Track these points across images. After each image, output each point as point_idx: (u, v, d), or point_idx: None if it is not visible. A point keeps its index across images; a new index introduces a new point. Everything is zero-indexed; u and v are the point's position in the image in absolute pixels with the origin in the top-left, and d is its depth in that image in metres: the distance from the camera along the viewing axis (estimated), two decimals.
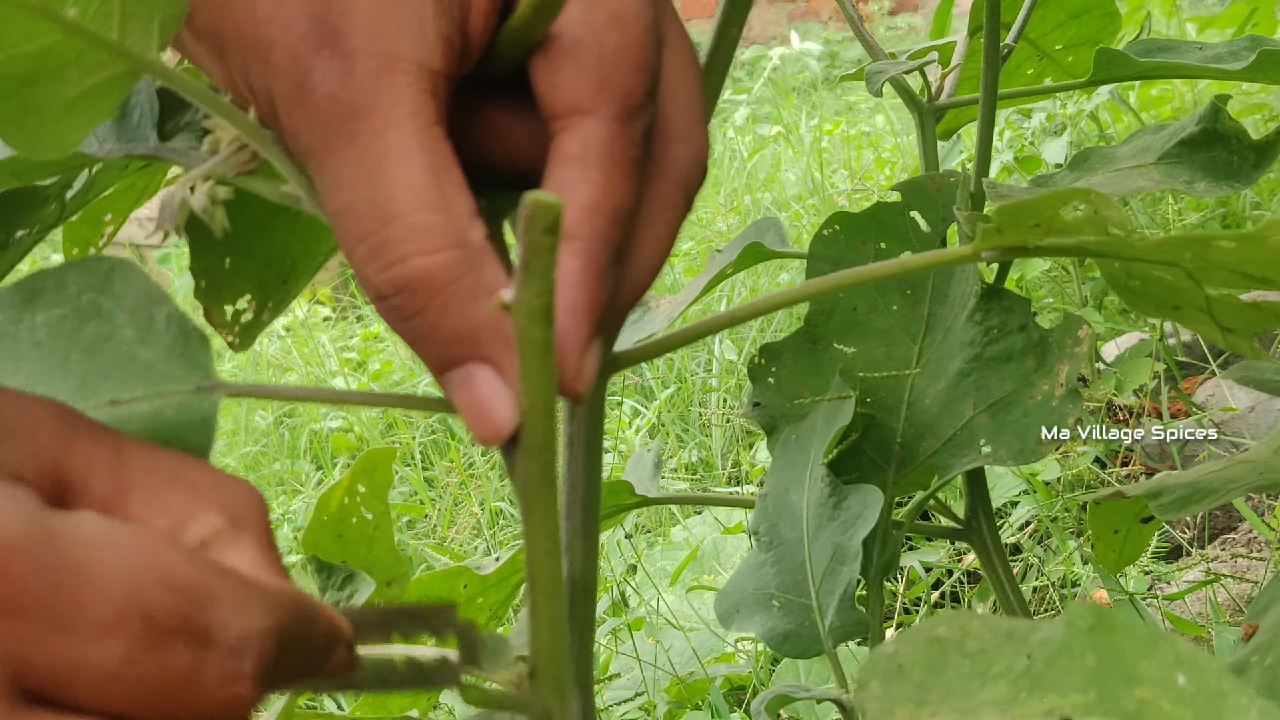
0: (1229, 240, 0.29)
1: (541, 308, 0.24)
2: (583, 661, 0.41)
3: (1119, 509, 0.73)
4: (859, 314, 0.74)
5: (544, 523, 0.29)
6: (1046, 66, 0.87)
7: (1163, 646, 0.22)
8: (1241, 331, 0.34)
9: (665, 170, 0.32)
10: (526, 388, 0.26)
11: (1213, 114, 0.70)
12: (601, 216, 0.29)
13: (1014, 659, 0.23)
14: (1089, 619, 0.23)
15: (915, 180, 0.73)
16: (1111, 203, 0.29)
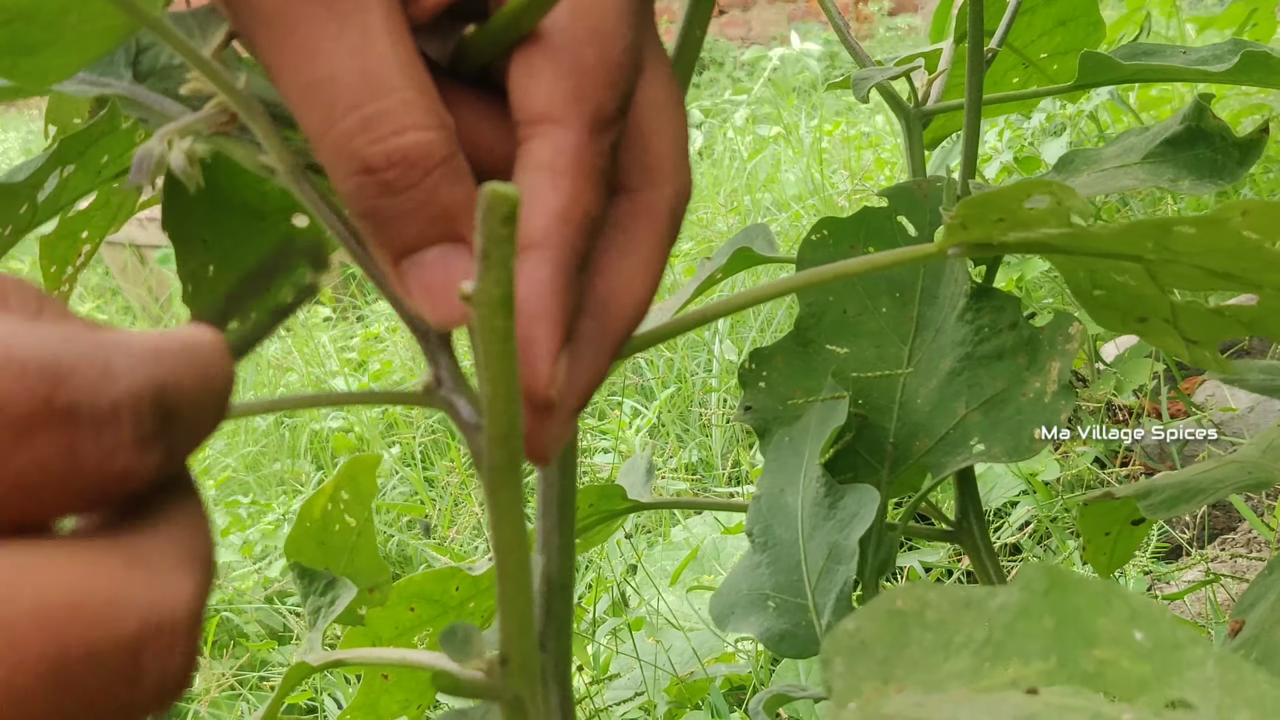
0: (1189, 225, 0.29)
1: (501, 296, 0.24)
2: (561, 658, 0.41)
3: (1109, 511, 0.73)
4: (849, 316, 0.74)
5: (510, 511, 0.29)
6: (1032, 74, 0.87)
7: (1117, 602, 0.22)
8: (1206, 343, 0.34)
9: (655, 207, 0.32)
10: (489, 376, 0.26)
11: (1196, 113, 0.70)
12: (570, 224, 0.29)
13: (974, 628, 0.23)
14: (1044, 581, 0.23)
15: (902, 186, 0.73)
16: (1073, 193, 0.29)
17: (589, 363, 0.31)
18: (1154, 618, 0.22)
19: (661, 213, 0.32)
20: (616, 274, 0.31)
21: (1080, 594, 0.22)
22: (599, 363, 0.31)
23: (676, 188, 0.32)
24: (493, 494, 0.29)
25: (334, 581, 0.57)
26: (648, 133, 0.32)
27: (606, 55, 0.30)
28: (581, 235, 0.30)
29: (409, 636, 0.73)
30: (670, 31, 0.41)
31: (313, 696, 1.54)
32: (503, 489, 0.28)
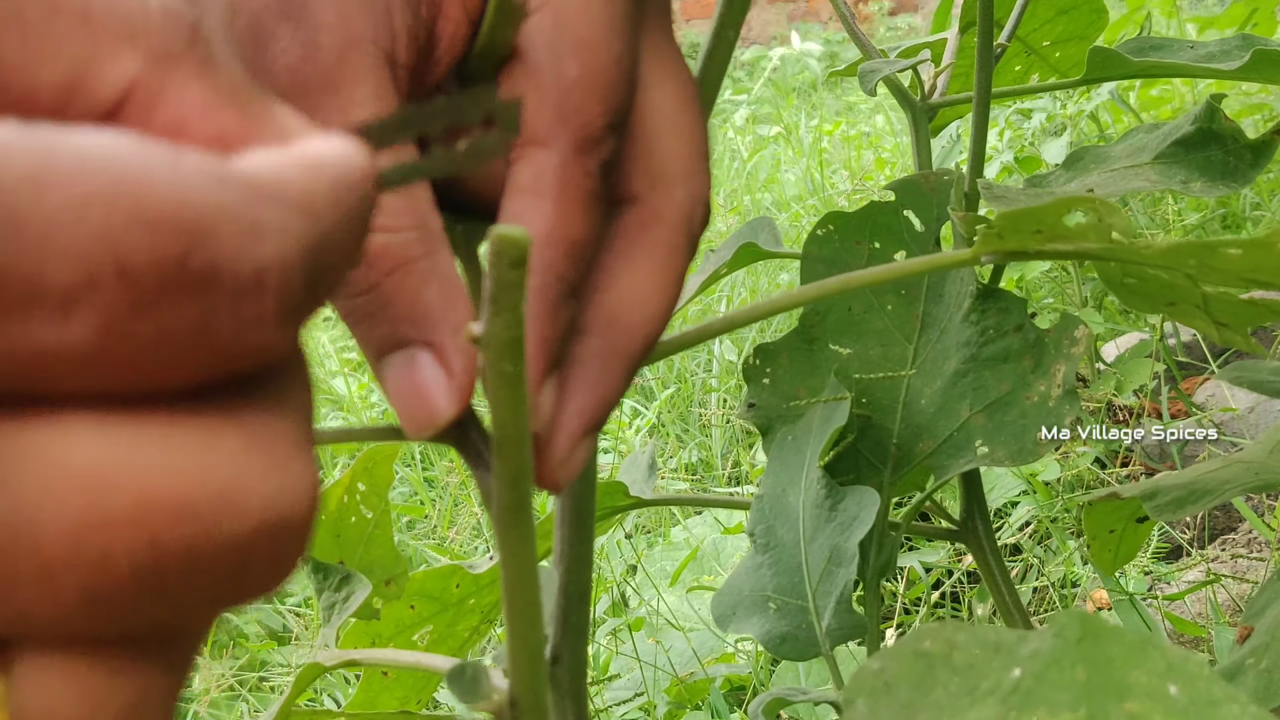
0: (1235, 248, 0.29)
1: (511, 341, 0.23)
2: (576, 671, 0.41)
3: (1114, 509, 0.73)
4: (854, 314, 0.74)
5: (520, 551, 0.28)
6: (1034, 62, 0.87)
7: (1153, 655, 0.21)
8: (1236, 326, 0.34)
9: (662, 213, 0.31)
10: (498, 419, 0.25)
11: (1208, 114, 0.70)
12: (553, 249, 0.28)
13: (1003, 674, 0.22)
14: (1078, 629, 0.22)
15: (909, 179, 0.72)
16: (1116, 210, 0.29)
17: (595, 383, 0.29)
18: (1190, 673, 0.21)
19: (670, 218, 0.31)
20: (624, 287, 0.30)
21: (1115, 644, 0.22)
22: (608, 382, 0.29)
23: (689, 191, 0.31)
24: (503, 535, 0.28)
25: (349, 577, 0.56)
26: (653, 137, 0.31)
27: (592, 68, 0.29)
28: (568, 260, 0.29)
29: (409, 634, 0.73)
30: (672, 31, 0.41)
31: (313, 696, 1.53)
32: (513, 529, 0.28)
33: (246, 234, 0.17)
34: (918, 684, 0.23)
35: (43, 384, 0.16)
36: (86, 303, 0.16)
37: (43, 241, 0.16)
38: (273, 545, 0.18)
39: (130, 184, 0.16)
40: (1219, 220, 2.18)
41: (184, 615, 0.18)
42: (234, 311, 0.17)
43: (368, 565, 0.67)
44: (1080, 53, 0.85)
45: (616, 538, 1.70)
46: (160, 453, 0.17)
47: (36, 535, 0.16)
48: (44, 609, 0.17)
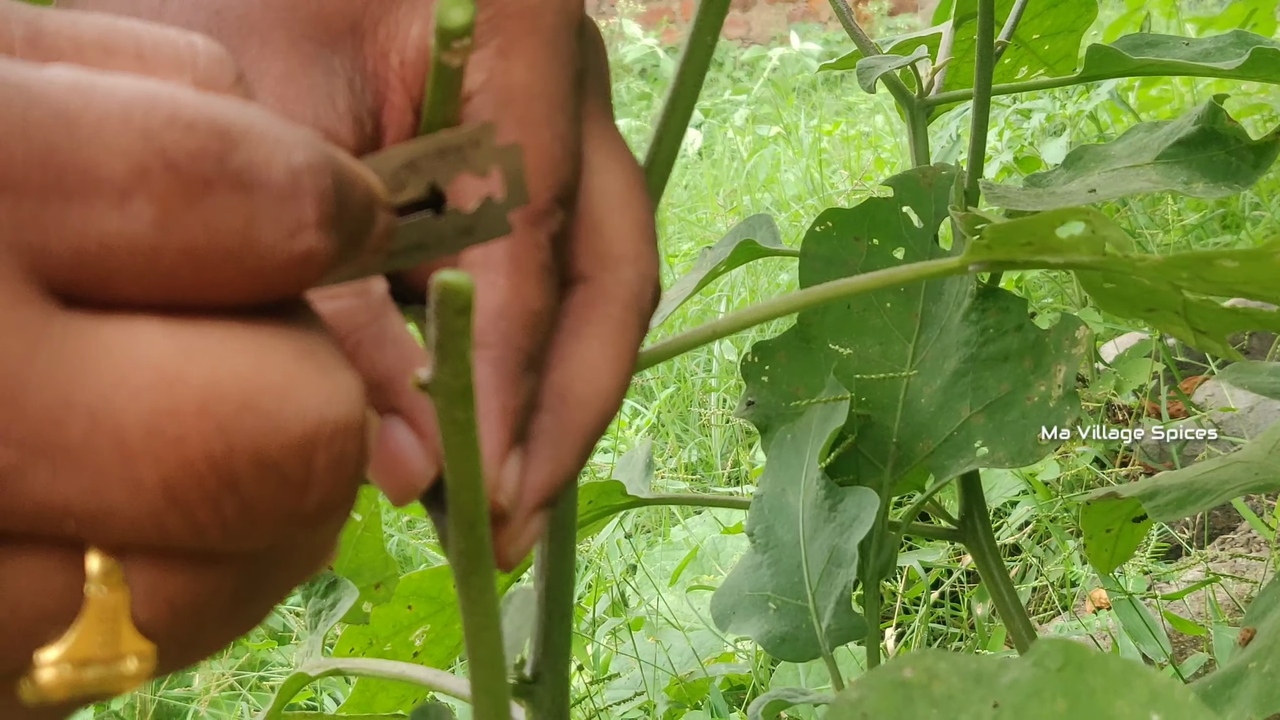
0: (1231, 260, 0.29)
1: (460, 388, 0.23)
2: (558, 688, 0.40)
3: (1111, 509, 0.73)
4: (853, 312, 0.74)
5: (481, 597, 0.28)
6: (1023, 55, 0.86)
7: (1136, 684, 0.21)
8: (1215, 334, 0.33)
9: (612, 292, 0.30)
10: (452, 466, 0.25)
11: (1211, 114, 0.70)
12: (509, 321, 0.28)
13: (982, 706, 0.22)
14: (1059, 658, 0.22)
15: (907, 175, 0.72)
16: (1110, 223, 0.29)
17: (548, 459, 0.29)
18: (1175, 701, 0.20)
19: (619, 297, 0.30)
20: (576, 364, 0.30)
21: (1097, 673, 0.21)
22: (560, 459, 0.29)
23: (638, 271, 0.31)
24: (462, 580, 0.28)
25: (336, 583, 0.56)
26: (601, 218, 0.31)
27: (534, 145, 0.29)
28: (524, 332, 0.28)
29: (406, 634, 0.73)
30: (672, 31, 0.41)
31: (313, 696, 1.53)
32: (473, 575, 0.27)
33: (276, 143, 0.19)
34: (896, 716, 0.22)
35: (114, 283, 0.18)
36: (139, 192, 0.18)
37: (92, 135, 0.18)
38: (331, 449, 0.19)
39: (166, 97, 0.18)
40: (1218, 220, 2.17)
41: (261, 526, 0.19)
42: (278, 213, 0.19)
43: (357, 568, 0.67)
44: (1069, 45, 0.85)
45: (616, 537, 1.70)
46: (221, 353, 0.18)
47: (115, 422, 0.18)
48: (130, 502, 0.18)
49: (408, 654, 0.73)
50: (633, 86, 5.04)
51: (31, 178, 0.17)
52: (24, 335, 0.17)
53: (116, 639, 0.19)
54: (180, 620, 0.19)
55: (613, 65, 4.93)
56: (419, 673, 0.42)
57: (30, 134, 0.17)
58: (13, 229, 0.17)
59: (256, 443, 0.18)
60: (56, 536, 0.18)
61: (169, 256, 0.18)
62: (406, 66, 0.30)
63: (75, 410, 0.18)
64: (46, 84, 0.18)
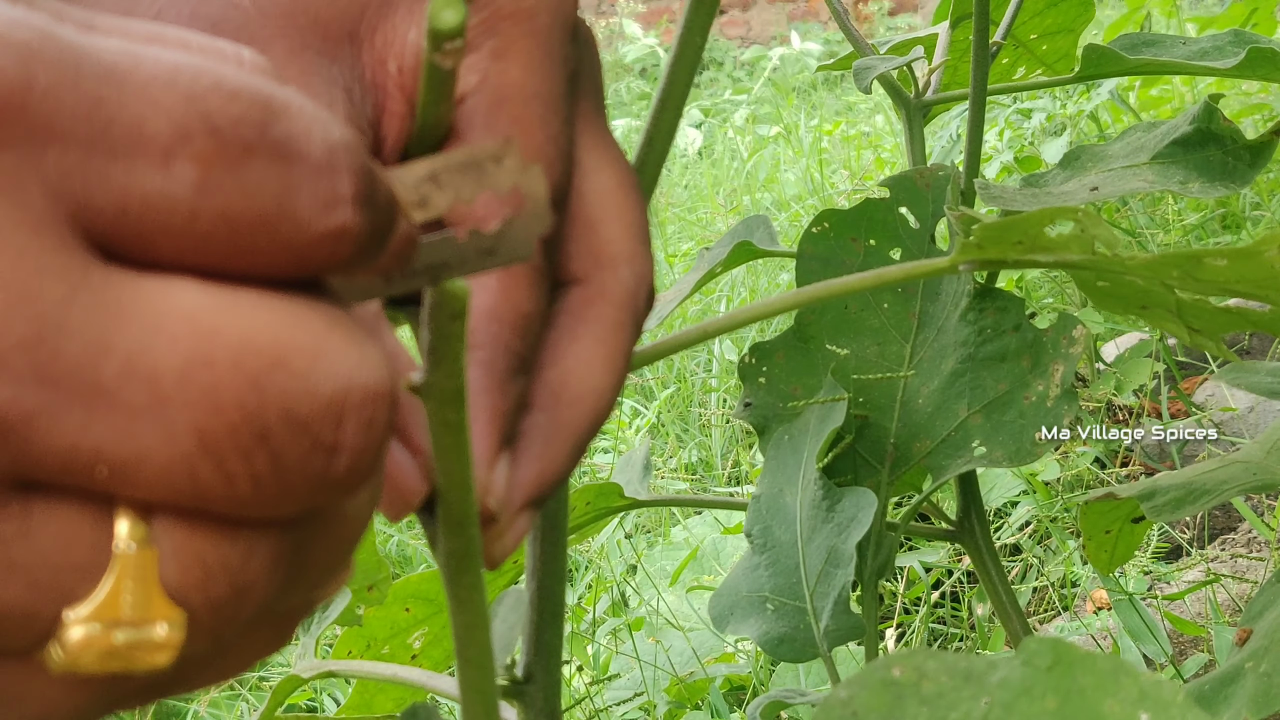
0: (1221, 258, 0.28)
1: (453, 390, 0.24)
2: (550, 689, 0.40)
3: (1110, 509, 0.72)
4: (850, 312, 0.74)
5: (470, 597, 0.28)
6: (1021, 55, 0.86)
7: (1125, 682, 0.21)
8: (1209, 332, 0.33)
9: (607, 292, 0.31)
10: (443, 468, 0.25)
11: (1206, 114, 0.70)
12: (500, 323, 0.28)
13: (972, 704, 0.22)
14: (1048, 657, 0.22)
15: (904, 175, 0.72)
16: (1100, 221, 0.29)
17: (538, 457, 0.29)
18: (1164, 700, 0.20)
19: (614, 296, 0.31)
20: (567, 362, 0.30)
21: (1086, 672, 0.21)
22: (551, 457, 0.29)
23: (633, 271, 0.31)
24: (451, 580, 0.28)
25: None
26: (595, 220, 0.31)
27: (529, 145, 0.29)
28: (515, 334, 0.28)
29: (404, 636, 0.73)
30: (672, 31, 0.41)
31: (312, 696, 1.53)
32: (462, 575, 0.28)
33: (316, 119, 0.20)
34: (886, 715, 0.22)
35: (153, 242, 0.19)
36: (182, 153, 0.18)
37: (140, 94, 0.18)
38: (361, 412, 0.20)
39: (211, 68, 0.19)
40: (1218, 220, 2.17)
41: (292, 489, 0.19)
42: (315, 185, 0.19)
43: None
44: (1068, 45, 0.85)
45: (616, 538, 1.70)
46: (256, 312, 0.19)
47: (151, 367, 0.18)
48: (162, 449, 0.18)
49: (406, 656, 0.73)
50: (633, 86, 5.04)
51: (79, 129, 0.18)
52: (64, 279, 0.18)
53: (146, 601, 0.19)
54: (212, 588, 0.20)
55: (613, 65, 4.93)
56: (412, 674, 0.42)
57: (80, 86, 0.18)
58: (58, 177, 0.18)
59: (288, 398, 0.19)
60: (86, 487, 0.18)
61: (207, 219, 0.18)
62: (405, 74, 0.30)
63: (111, 354, 0.18)
64: (99, 43, 0.18)
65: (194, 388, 0.18)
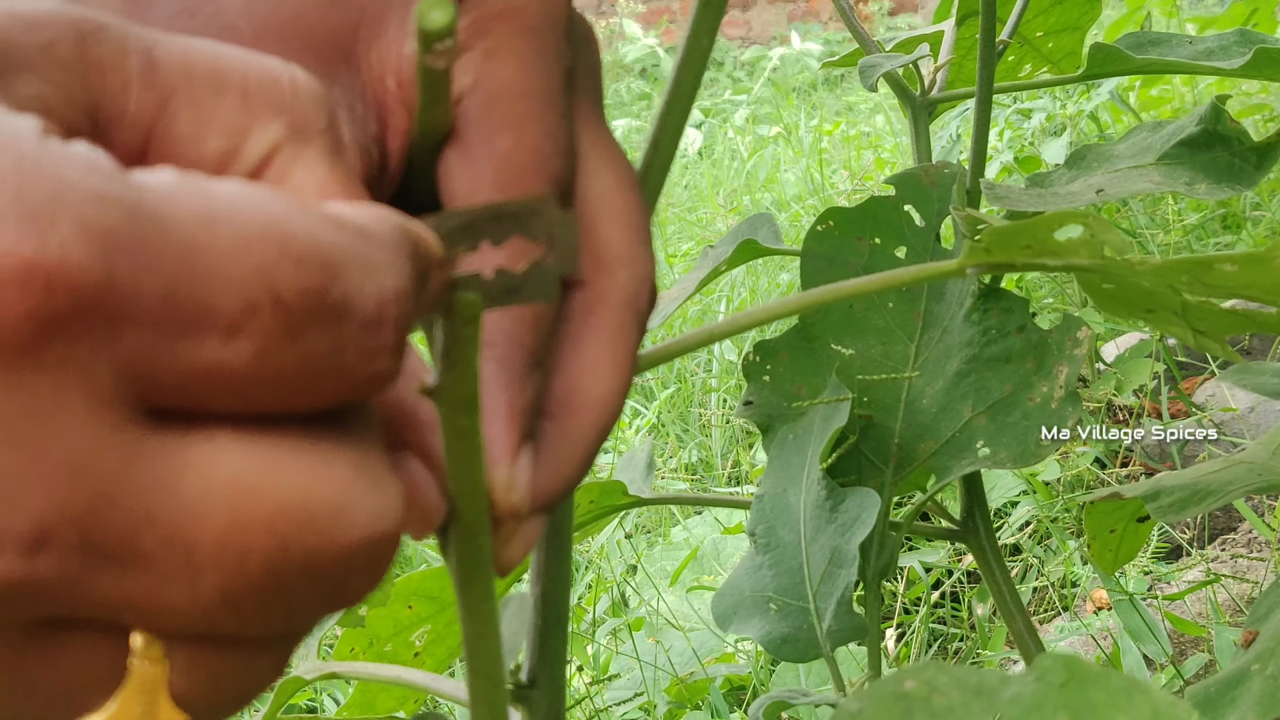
0: (1231, 264, 0.28)
1: (465, 395, 0.24)
2: (554, 694, 0.40)
3: (1115, 509, 0.72)
4: (855, 311, 0.73)
5: (481, 605, 0.28)
6: (1027, 53, 0.86)
7: (1138, 700, 0.21)
8: (1214, 334, 0.33)
9: (608, 296, 0.30)
10: (455, 474, 0.25)
11: (1213, 115, 0.70)
12: (513, 320, 0.28)
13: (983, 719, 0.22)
14: (1061, 673, 0.22)
15: (909, 173, 0.72)
16: (1109, 226, 0.29)
17: (548, 464, 0.29)
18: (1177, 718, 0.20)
19: (616, 300, 0.30)
20: (573, 369, 0.30)
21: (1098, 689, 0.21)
22: (561, 464, 0.29)
23: (633, 273, 0.31)
24: (462, 589, 0.28)
25: None
26: (593, 221, 0.31)
27: (524, 142, 0.29)
28: (528, 330, 0.28)
29: (407, 634, 0.73)
30: (672, 31, 0.41)
31: (312, 697, 1.53)
32: (473, 584, 0.28)
33: (369, 271, 0.20)
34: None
35: (203, 402, 0.19)
36: (248, 328, 0.19)
37: (213, 272, 0.19)
38: (372, 555, 0.21)
39: (278, 225, 0.19)
40: (1219, 220, 2.17)
41: (297, 618, 0.21)
42: (362, 341, 0.20)
43: None
44: (1073, 43, 0.85)
45: (617, 538, 1.70)
46: (290, 470, 0.20)
47: (191, 536, 0.19)
48: (188, 603, 0.19)
49: (408, 654, 0.73)
50: (633, 86, 5.04)
51: (153, 312, 0.18)
52: (119, 457, 0.18)
53: (154, 710, 0.20)
54: (217, 694, 0.21)
55: (613, 65, 4.93)
56: (415, 676, 0.42)
57: (159, 270, 0.18)
58: (128, 359, 0.18)
59: (310, 555, 0.20)
60: (110, 623, 0.20)
61: (261, 382, 0.19)
62: (405, 88, 0.30)
63: (154, 524, 0.19)
64: (173, 209, 0.19)
65: (226, 554, 0.19)
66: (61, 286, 0.17)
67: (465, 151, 0.29)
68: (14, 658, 0.19)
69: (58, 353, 0.18)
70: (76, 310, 0.18)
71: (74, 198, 0.18)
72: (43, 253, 0.17)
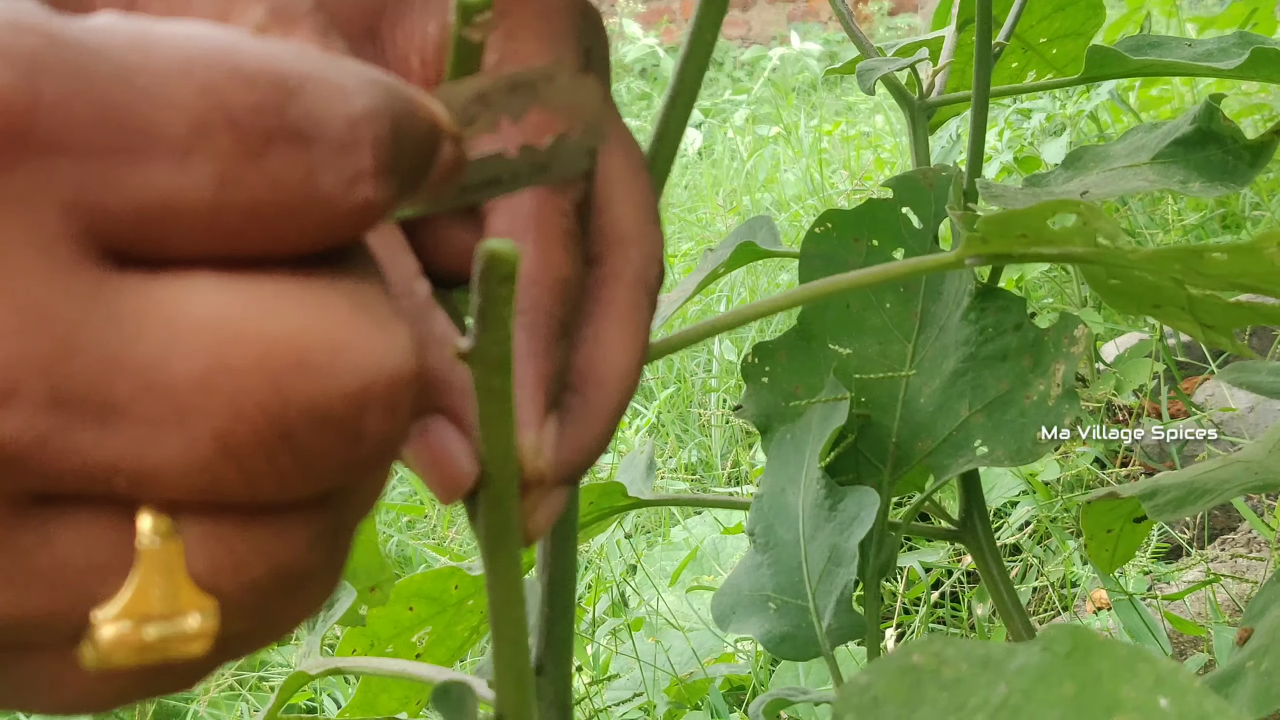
0: (1221, 252, 0.29)
1: (500, 356, 0.23)
2: (561, 681, 0.41)
3: (1112, 509, 0.73)
4: (852, 311, 0.74)
5: (508, 572, 0.28)
6: (1031, 59, 0.86)
7: (1142, 668, 0.21)
8: (1222, 328, 0.34)
9: (621, 273, 0.31)
10: (486, 437, 0.25)
11: (1207, 114, 0.70)
12: (540, 287, 0.28)
13: (991, 690, 0.22)
14: (1067, 643, 0.22)
15: (907, 176, 0.72)
16: (1101, 214, 0.29)
17: (572, 435, 0.29)
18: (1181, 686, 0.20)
19: (627, 277, 0.31)
20: (591, 344, 0.30)
21: (1104, 658, 0.22)
22: (584, 436, 0.29)
23: (642, 251, 0.31)
24: (490, 556, 0.28)
25: None
26: (605, 200, 0.31)
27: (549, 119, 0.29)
28: (554, 298, 0.29)
29: (408, 635, 0.73)
30: (672, 31, 0.41)
31: (312, 697, 1.53)
32: (500, 551, 0.28)
33: (334, 91, 0.19)
34: (906, 700, 0.23)
35: (171, 240, 0.18)
36: (201, 149, 0.18)
37: (153, 92, 0.17)
38: (385, 400, 0.19)
39: (225, 49, 0.18)
40: (1218, 220, 2.17)
41: (317, 476, 0.19)
42: (337, 164, 0.19)
43: (353, 571, 0.67)
44: (1077, 49, 0.85)
45: (616, 538, 1.70)
46: (278, 308, 0.18)
47: (168, 380, 0.18)
48: (181, 457, 0.18)
49: (410, 655, 0.73)
50: (633, 86, 5.04)
51: (91, 137, 0.17)
52: (74, 299, 0.17)
53: (175, 593, 0.19)
54: (246, 572, 0.19)
55: (613, 65, 4.91)
56: (420, 670, 0.42)
57: (91, 92, 0.17)
58: (70, 190, 0.17)
59: (311, 397, 0.19)
60: (105, 494, 0.18)
61: (228, 212, 0.18)
62: (428, 66, 0.30)
63: (126, 370, 0.17)
64: (105, 39, 0.18)
65: (213, 397, 0.18)
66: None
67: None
68: (5, 535, 0.18)
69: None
70: (1, 138, 0.17)
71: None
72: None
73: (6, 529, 0.18)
